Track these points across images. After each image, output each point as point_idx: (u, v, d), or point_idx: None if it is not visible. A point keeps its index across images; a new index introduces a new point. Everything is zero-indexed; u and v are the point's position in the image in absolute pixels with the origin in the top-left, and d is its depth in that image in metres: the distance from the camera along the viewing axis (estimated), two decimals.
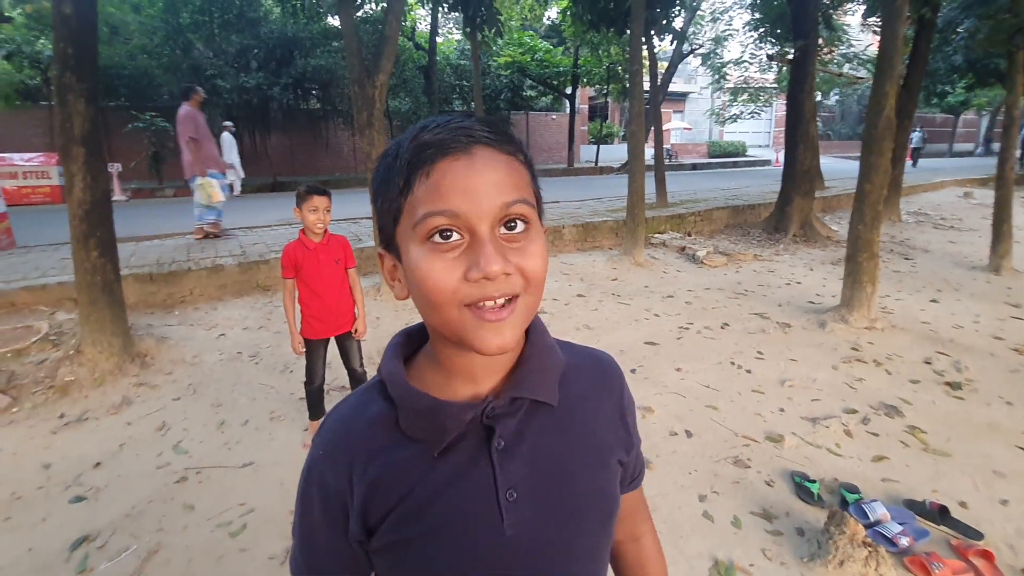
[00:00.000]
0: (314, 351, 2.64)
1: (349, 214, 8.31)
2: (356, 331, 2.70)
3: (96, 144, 3.06)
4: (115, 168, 10.63)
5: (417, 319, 0.59)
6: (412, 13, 16.77)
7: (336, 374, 3.40)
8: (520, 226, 0.49)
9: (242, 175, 10.60)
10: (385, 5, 8.95)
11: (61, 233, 6.11)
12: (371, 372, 3.43)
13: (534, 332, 0.58)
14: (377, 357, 3.61)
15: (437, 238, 0.48)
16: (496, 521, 0.53)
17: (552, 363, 0.58)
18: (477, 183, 0.47)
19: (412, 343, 0.61)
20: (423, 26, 17.77)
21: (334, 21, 14.34)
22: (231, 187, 9.14)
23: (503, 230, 0.49)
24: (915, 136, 19.76)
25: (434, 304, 0.49)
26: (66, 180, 3.05)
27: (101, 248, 3.20)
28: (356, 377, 2.81)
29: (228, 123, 10.66)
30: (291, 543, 0.61)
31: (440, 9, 10.68)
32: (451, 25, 21.41)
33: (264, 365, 3.56)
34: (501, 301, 0.48)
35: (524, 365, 0.56)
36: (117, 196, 10.74)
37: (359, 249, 5.49)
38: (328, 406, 2.81)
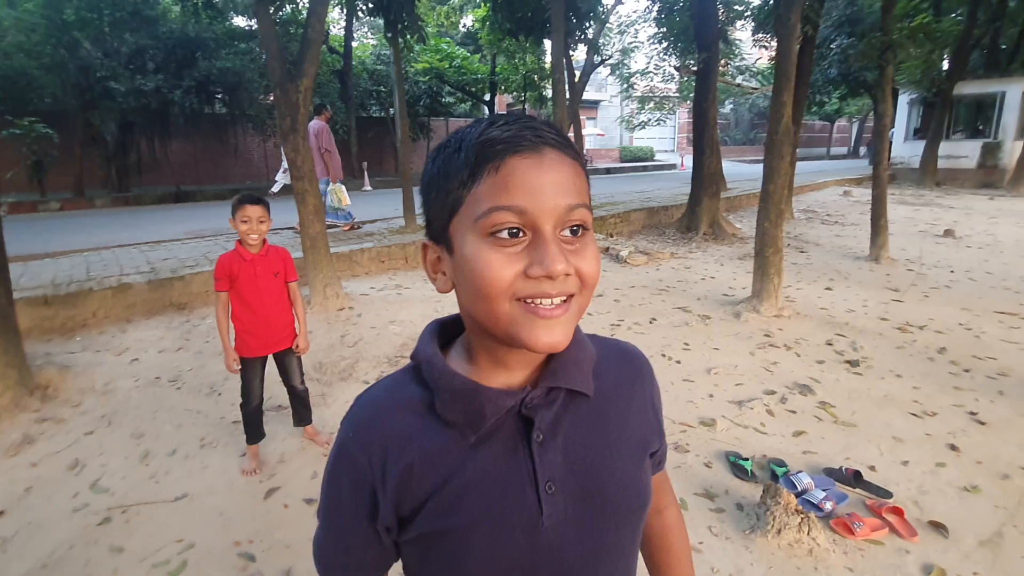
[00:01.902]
0: (250, 370, 2.51)
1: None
2: (297, 347, 2.60)
3: None
4: None
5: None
6: (327, 17, 16.23)
7: (271, 392, 3.24)
8: (580, 231, 0.50)
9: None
10: (301, 5, 8.62)
11: None
12: (312, 388, 3.30)
13: None
14: (315, 372, 3.48)
15: (503, 234, 0.48)
16: (535, 514, 0.53)
17: (586, 355, 0.59)
18: (545, 182, 0.48)
19: (446, 333, 0.61)
20: (337, 30, 17.25)
21: (240, 21, 13.60)
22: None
23: (566, 233, 0.49)
24: None
25: (487, 296, 0.48)
26: None
27: None
28: (297, 395, 2.70)
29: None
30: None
31: (356, 15, 10.43)
32: (366, 29, 20.96)
33: (188, 389, 3.32)
34: (558, 300, 0.49)
35: (559, 356, 0.56)
36: None
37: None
38: (268, 427, 2.68)
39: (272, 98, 6.36)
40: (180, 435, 2.83)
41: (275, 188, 9.59)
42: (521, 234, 0.48)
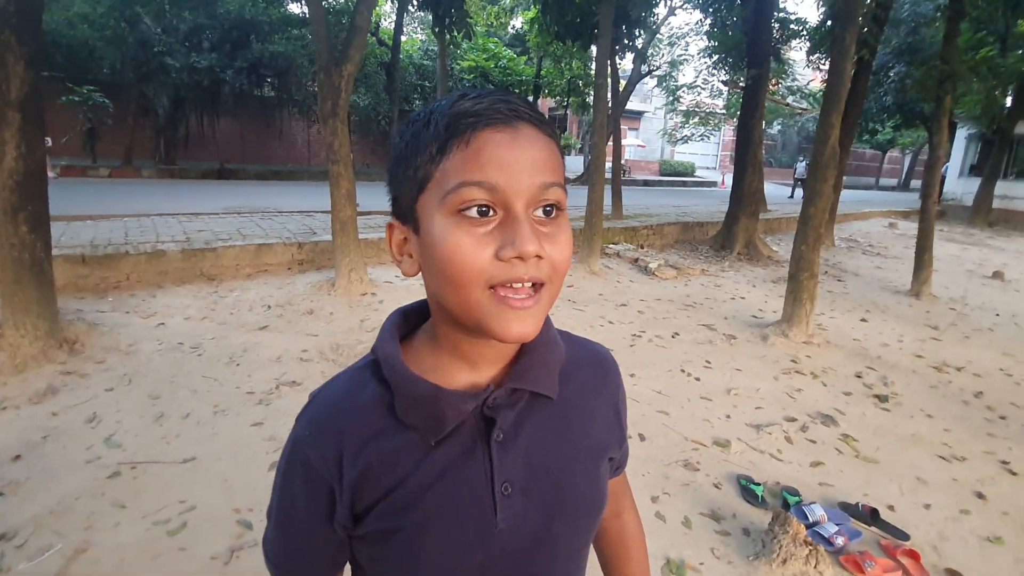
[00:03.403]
0: None
1: (303, 206, 8.06)
2: None
3: (35, 111, 2.83)
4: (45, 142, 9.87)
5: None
6: (378, 9, 16.53)
7: (285, 368, 3.28)
8: (553, 212, 0.48)
9: None
10: None
11: None
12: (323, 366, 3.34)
13: None
14: (331, 353, 3.52)
15: (472, 212, 0.45)
16: (489, 514, 0.52)
17: (555, 356, 0.57)
18: (519, 158, 0.45)
19: (409, 323, 0.58)
20: (387, 23, 17.53)
21: (294, 8, 13.94)
22: None
23: (539, 214, 0.47)
24: (799, 166, 18.83)
25: (457, 283, 0.46)
26: None
27: (32, 223, 2.96)
28: None
29: None
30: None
31: (407, 8, 10.58)
32: (415, 24, 21.26)
33: (207, 357, 3.39)
34: (527, 286, 0.47)
35: (527, 356, 0.55)
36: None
37: (313, 243, 5.35)
38: (279, 402, 2.71)
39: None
40: (195, 400, 2.88)
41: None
42: (491, 212, 0.45)
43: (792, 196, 17.99)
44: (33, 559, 1.80)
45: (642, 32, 9.62)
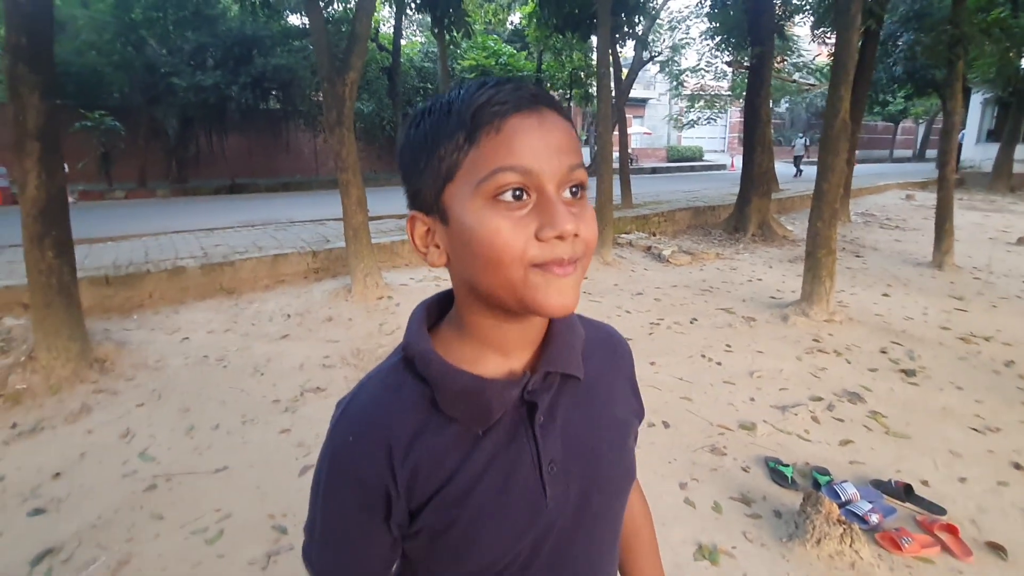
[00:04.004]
0: None
1: (315, 216, 8.15)
2: None
3: (52, 139, 2.90)
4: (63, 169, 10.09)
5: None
6: (376, 14, 16.59)
7: (310, 375, 3.33)
8: (580, 192, 0.50)
9: None
10: (352, 4, 8.83)
11: (5, 235, 5.77)
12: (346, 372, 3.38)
13: None
14: (352, 358, 3.56)
15: (507, 196, 0.46)
16: (539, 494, 0.54)
17: (577, 339, 0.59)
18: (548, 141, 0.47)
19: (432, 316, 0.59)
20: (387, 28, 17.59)
21: (295, 20, 14.05)
22: None
23: (567, 194, 0.48)
24: (798, 142, 18.73)
25: (499, 264, 0.46)
26: (19, 177, 2.88)
27: (57, 248, 3.04)
28: None
29: None
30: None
31: (406, 12, 10.61)
32: (414, 27, 21.30)
33: (233, 368, 3.45)
34: (568, 259, 0.48)
35: (555, 340, 0.56)
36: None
37: (328, 251, 5.40)
38: (305, 408, 2.75)
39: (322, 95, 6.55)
40: (223, 411, 2.94)
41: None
42: (526, 196, 0.46)
43: (799, 174, 17.68)
44: (80, 572, 1.86)
45: (642, 18, 9.53)
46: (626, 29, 9.09)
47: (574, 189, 0.49)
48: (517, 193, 0.46)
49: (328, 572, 0.57)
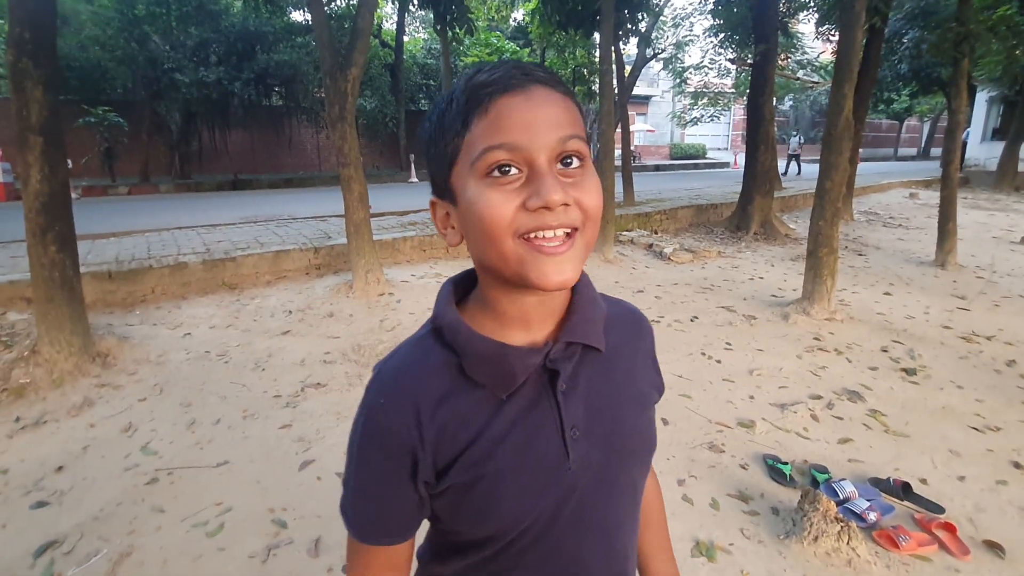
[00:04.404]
0: None
1: (317, 212, 8.16)
2: None
3: (55, 133, 2.91)
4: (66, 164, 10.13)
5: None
6: (379, 11, 16.57)
7: (311, 371, 3.34)
8: (576, 162, 0.51)
9: None
10: (354, 0, 8.82)
11: (8, 231, 5.80)
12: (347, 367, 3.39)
13: (581, 284, 0.60)
14: (353, 354, 3.57)
15: (496, 173, 0.48)
16: (561, 457, 0.57)
17: (598, 314, 0.62)
18: (536, 116, 0.48)
19: (459, 292, 0.62)
20: (389, 24, 17.57)
21: (297, 16, 14.05)
22: None
23: (560, 166, 0.50)
24: (793, 141, 18.34)
25: (490, 236, 0.49)
26: (22, 171, 2.89)
27: (59, 243, 3.05)
28: None
29: None
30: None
31: (408, 8, 10.60)
32: (417, 24, 21.27)
33: (234, 363, 3.46)
34: (560, 233, 0.49)
35: (575, 314, 0.59)
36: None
37: (329, 247, 5.41)
38: (306, 404, 2.76)
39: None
40: (225, 406, 2.95)
41: None
42: (516, 171, 0.49)
43: (799, 173, 17.58)
44: (81, 564, 1.87)
45: (645, 15, 9.49)
46: (629, 26, 9.05)
47: (567, 159, 0.50)
48: (506, 168, 0.48)
49: (360, 524, 0.60)
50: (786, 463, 2.36)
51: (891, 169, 20.35)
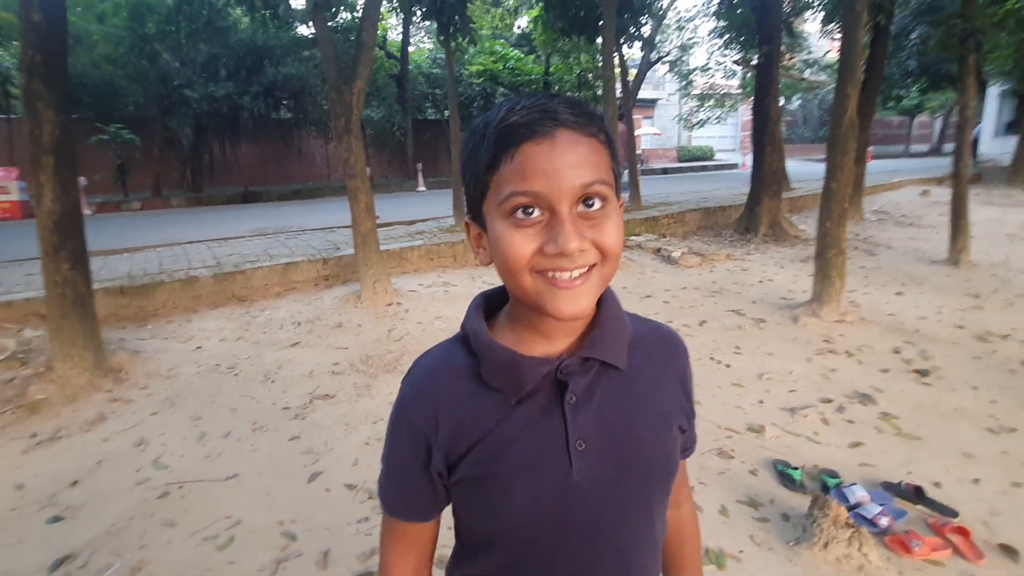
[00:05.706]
0: None
1: (325, 223, 8.23)
2: None
3: (67, 153, 2.98)
4: (79, 181, 10.33)
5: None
6: (384, 23, 16.74)
7: (319, 383, 3.36)
8: (597, 204, 0.54)
9: None
10: (359, 13, 8.93)
11: (24, 249, 5.91)
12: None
13: (606, 302, 0.63)
14: (362, 364, 3.59)
15: (520, 214, 0.53)
16: (565, 466, 0.59)
17: (622, 331, 0.64)
18: (558, 166, 0.51)
19: (490, 305, 0.67)
20: (394, 35, 17.74)
21: (304, 30, 14.23)
22: None
23: (581, 207, 0.53)
24: None
25: (511, 271, 0.54)
26: (35, 191, 2.96)
27: (72, 261, 3.11)
28: None
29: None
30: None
31: (412, 19, 10.71)
32: (422, 34, 21.45)
33: (244, 376, 3.50)
34: (577, 273, 0.53)
35: (596, 330, 0.62)
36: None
37: (337, 258, 5.46)
38: (315, 415, 2.78)
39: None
40: (234, 419, 2.98)
41: None
42: (538, 212, 0.53)
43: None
44: None
45: (648, 19, 9.52)
46: (632, 30, 9.07)
47: (589, 201, 0.53)
48: (529, 210, 0.53)
49: (386, 498, 0.67)
50: (796, 468, 2.34)
51: (902, 167, 20.11)
